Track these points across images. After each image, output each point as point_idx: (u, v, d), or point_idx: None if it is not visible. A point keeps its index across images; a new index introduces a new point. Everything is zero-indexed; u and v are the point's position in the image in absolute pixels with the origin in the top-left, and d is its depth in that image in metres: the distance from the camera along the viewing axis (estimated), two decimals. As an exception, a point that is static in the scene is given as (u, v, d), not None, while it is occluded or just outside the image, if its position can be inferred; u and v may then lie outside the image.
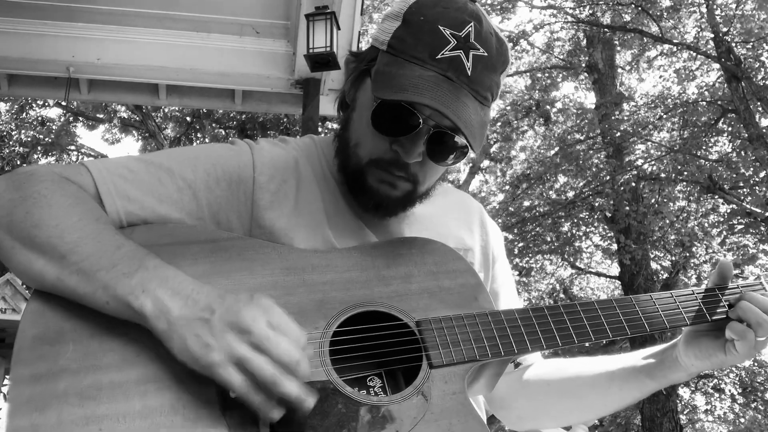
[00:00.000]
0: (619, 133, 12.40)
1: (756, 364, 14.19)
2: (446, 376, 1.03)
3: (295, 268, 1.08)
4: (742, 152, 11.77)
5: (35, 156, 16.00)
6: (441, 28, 1.06)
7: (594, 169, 13.21)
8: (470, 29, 1.07)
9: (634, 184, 12.26)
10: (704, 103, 12.33)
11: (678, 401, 13.66)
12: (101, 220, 1.00)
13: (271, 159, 1.17)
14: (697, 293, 1.21)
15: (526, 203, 14.61)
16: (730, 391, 15.29)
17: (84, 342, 0.93)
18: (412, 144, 1.07)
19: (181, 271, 0.95)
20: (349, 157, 1.14)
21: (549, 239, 14.39)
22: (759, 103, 11.29)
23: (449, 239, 1.28)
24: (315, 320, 1.03)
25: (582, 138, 13.52)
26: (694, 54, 13.11)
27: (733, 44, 11.71)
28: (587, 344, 1.19)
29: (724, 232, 12.66)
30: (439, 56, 1.04)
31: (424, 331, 1.06)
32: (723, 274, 1.23)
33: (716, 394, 15.69)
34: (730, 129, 12.34)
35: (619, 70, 15.26)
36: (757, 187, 11.40)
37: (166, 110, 16.43)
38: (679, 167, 11.83)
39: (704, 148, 12.49)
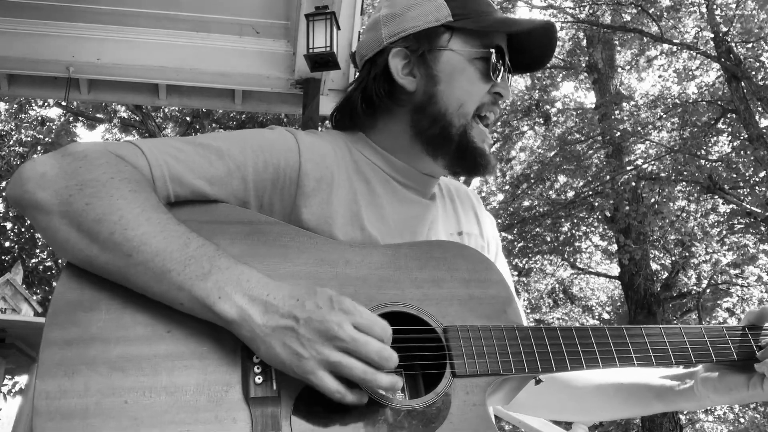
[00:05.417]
0: (619, 133, 12.39)
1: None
2: (468, 387, 1.02)
3: (329, 261, 1.07)
4: (742, 152, 11.75)
5: (35, 156, 15.98)
6: None
7: (594, 169, 13.20)
8: None
9: (634, 184, 12.24)
10: (704, 103, 12.32)
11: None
12: (160, 209, 0.99)
13: (313, 146, 1.17)
14: (727, 330, 1.20)
15: (526, 203, 14.60)
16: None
17: (117, 312, 0.93)
18: (506, 80, 1.23)
19: (248, 266, 0.96)
20: (451, 124, 1.20)
21: (549, 239, 14.38)
22: (759, 103, 11.28)
23: (471, 227, 1.33)
24: None
25: (582, 138, 13.51)
26: (694, 54, 13.10)
27: (733, 44, 11.70)
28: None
29: (724, 232, 12.65)
30: (496, 6, 1.24)
31: (450, 339, 1.05)
32: (761, 317, 1.23)
33: (716, 394, 15.65)
34: (730, 129, 12.33)
35: (619, 70, 15.25)
36: (757, 187, 11.39)
37: (166, 110, 16.43)
38: (679, 167, 11.82)
39: (704, 148, 12.48)
